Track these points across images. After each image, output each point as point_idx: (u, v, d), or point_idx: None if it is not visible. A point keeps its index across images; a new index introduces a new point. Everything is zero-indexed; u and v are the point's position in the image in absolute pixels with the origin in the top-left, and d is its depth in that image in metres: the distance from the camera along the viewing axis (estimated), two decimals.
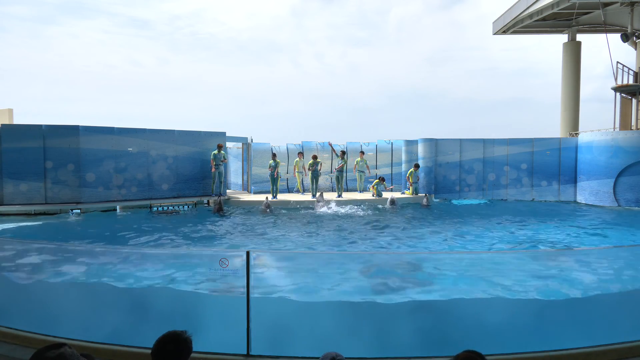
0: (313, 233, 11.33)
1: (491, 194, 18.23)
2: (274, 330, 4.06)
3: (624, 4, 19.31)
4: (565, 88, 24.17)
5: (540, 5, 21.62)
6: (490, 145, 18.26)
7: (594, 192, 16.69)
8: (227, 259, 3.85)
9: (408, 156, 18.97)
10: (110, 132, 14.62)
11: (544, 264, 4.74)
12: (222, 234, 11.25)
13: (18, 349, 3.78)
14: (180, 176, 16.05)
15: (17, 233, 11.04)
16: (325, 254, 6.85)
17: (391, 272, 4.64)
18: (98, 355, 3.55)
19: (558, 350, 3.59)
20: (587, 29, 23.86)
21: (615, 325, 4.05)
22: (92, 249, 5.66)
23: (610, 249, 6.39)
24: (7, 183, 13.46)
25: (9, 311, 4.39)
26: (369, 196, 17.00)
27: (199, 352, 3.41)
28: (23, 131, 13.70)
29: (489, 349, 3.30)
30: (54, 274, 4.66)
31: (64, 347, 2.01)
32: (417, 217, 14.14)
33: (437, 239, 10.69)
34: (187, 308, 4.55)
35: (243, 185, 19.65)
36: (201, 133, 16.59)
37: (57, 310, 4.43)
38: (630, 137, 15.88)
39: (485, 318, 4.21)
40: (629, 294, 4.52)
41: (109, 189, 14.56)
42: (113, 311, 4.43)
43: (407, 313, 4.39)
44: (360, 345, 3.89)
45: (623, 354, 3.60)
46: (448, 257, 5.58)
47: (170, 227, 11.97)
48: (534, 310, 4.35)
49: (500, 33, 25.59)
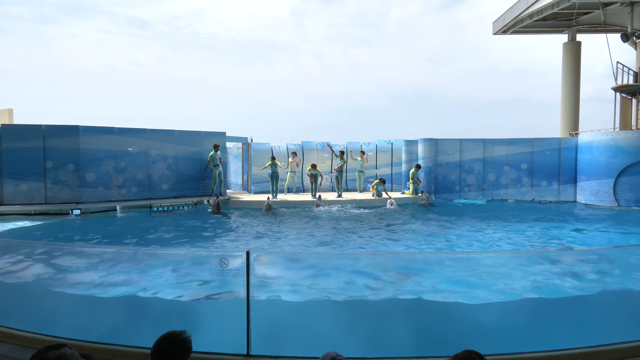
0: (311, 233, 11.33)
1: (491, 194, 18.24)
2: (274, 330, 4.06)
3: (624, 4, 19.31)
4: (565, 88, 24.17)
5: (540, 5, 21.62)
6: (490, 145, 18.26)
7: (594, 192, 16.69)
8: (227, 259, 3.85)
9: (408, 156, 18.98)
10: (110, 132, 14.62)
11: (542, 263, 4.75)
12: (221, 234, 11.25)
13: (18, 349, 3.78)
14: (180, 176, 16.05)
15: (17, 233, 11.04)
16: (325, 254, 6.85)
17: (390, 272, 4.64)
18: (97, 355, 3.55)
19: (557, 350, 3.59)
20: (587, 29, 23.85)
21: (613, 325, 4.05)
22: (91, 249, 5.66)
23: (612, 249, 6.39)
24: (7, 183, 13.47)
25: (8, 311, 4.39)
26: (369, 196, 17.01)
27: (199, 352, 3.42)
28: (23, 131, 13.70)
29: (488, 349, 3.30)
30: (54, 274, 4.66)
31: (64, 347, 2.01)
32: (416, 216, 14.14)
33: (435, 238, 10.69)
34: (187, 308, 4.55)
35: (243, 185, 19.65)
36: (201, 133, 16.59)
37: (57, 311, 4.43)
38: (630, 137, 15.88)
39: (483, 318, 4.21)
40: (626, 294, 4.53)
41: (109, 189, 14.56)
42: (111, 312, 4.43)
43: (407, 313, 4.39)
44: (361, 345, 3.89)
45: (623, 354, 3.60)
46: (447, 257, 5.58)
47: (170, 227, 11.97)
48: (530, 309, 4.35)
49: (500, 33, 25.59)
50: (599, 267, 4.67)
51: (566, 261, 4.97)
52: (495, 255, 5.94)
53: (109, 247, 6.57)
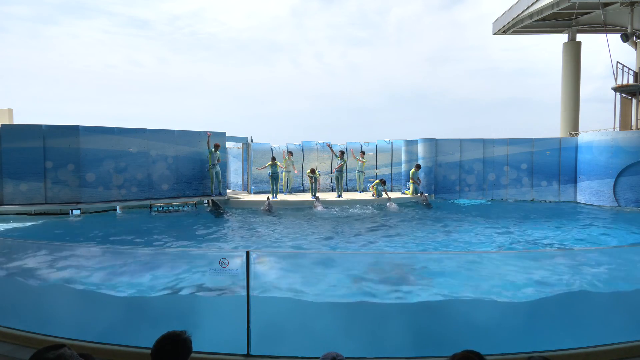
0: (310, 233, 11.33)
1: (491, 194, 18.24)
2: (274, 330, 4.06)
3: (624, 4, 19.30)
4: (565, 88, 24.16)
5: (540, 5, 21.62)
6: (490, 145, 18.26)
7: (594, 192, 16.69)
8: (227, 259, 3.85)
9: (408, 156, 18.98)
10: (110, 132, 14.62)
11: (543, 263, 4.75)
12: (221, 234, 11.25)
13: (18, 349, 3.78)
14: (180, 176, 16.05)
15: (16, 233, 11.04)
16: (324, 254, 6.85)
17: (390, 271, 4.64)
18: (97, 355, 3.55)
19: (557, 350, 3.59)
20: (587, 29, 23.85)
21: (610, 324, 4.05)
22: (91, 249, 5.66)
23: (613, 249, 6.39)
24: (7, 183, 13.46)
25: (7, 311, 4.39)
26: (369, 196, 17.01)
27: (199, 352, 3.42)
28: (23, 131, 13.70)
29: (488, 349, 3.30)
30: (53, 274, 4.66)
31: (63, 348, 2.00)
32: (415, 217, 14.14)
33: (434, 238, 10.69)
34: (186, 308, 4.55)
35: (243, 185, 19.65)
36: (201, 133, 16.59)
37: (57, 311, 4.43)
38: (630, 137, 15.88)
39: (482, 318, 4.21)
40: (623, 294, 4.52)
41: (109, 189, 14.55)
42: (110, 311, 4.43)
43: (407, 313, 4.39)
44: (361, 345, 3.89)
45: (622, 354, 3.60)
46: (446, 256, 5.58)
47: (169, 227, 11.97)
48: (528, 309, 4.35)
49: (500, 33, 25.59)
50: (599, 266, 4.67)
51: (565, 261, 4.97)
52: (489, 255, 5.94)
53: (107, 247, 6.57)
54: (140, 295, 4.81)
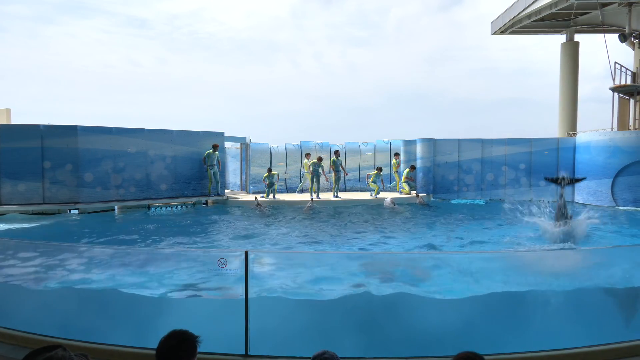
0: (309, 234, 11.33)
1: (489, 194, 18.24)
2: (273, 330, 4.05)
3: (621, 5, 19.34)
4: (563, 88, 24.19)
5: (538, 5, 21.65)
6: (489, 145, 18.28)
7: (592, 192, 16.72)
8: (226, 259, 3.85)
9: (407, 156, 18.99)
10: (108, 132, 14.59)
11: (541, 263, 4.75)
12: (220, 234, 11.24)
13: (16, 349, 3.76)
14: (179, 176, 16.03)
15: (16, 233, 11.01)
16: (324, 254, 6.85)
17: (389, 271, 4.65)
18: (96, 356, 3.54)
19: (556, 350, 3.59)
20: (585, 29, 23.89)
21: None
22: (89, 249, 5.65)
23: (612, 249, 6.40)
24: (5, 183, 13.43)
25: (7, 311, 4.38)
26: (367, 196, 17.04)
27: (198, 352, 3.41)
28: (21, 131, 13.66)
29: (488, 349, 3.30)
30: (52, 274, 4.65)
31: (57, 349, 1.95)
32: (412, 216, 14.15)
33: (434, 237, 10.69)
34: (185, 308, 4.54)
35: (242, 185, 19.63)
36: (199, 133, 16.57)
37: (57, 311, 4.42)
38: (628, 137, 15.91)
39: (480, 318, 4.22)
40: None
41: (107, 189, 14.52)
42: (110, 311, 4.42)
43: (407, 313, 4.39)
44: (361, 345, 3.89)
45: (622, 353, 3.60)
46: (445, 256, 5.59)
47: (168, 227, 11.95)
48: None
49: (499, 33, 25.61)
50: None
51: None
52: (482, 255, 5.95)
53: (106, 247, 6.56)
54: (139, 295, 4.79)
